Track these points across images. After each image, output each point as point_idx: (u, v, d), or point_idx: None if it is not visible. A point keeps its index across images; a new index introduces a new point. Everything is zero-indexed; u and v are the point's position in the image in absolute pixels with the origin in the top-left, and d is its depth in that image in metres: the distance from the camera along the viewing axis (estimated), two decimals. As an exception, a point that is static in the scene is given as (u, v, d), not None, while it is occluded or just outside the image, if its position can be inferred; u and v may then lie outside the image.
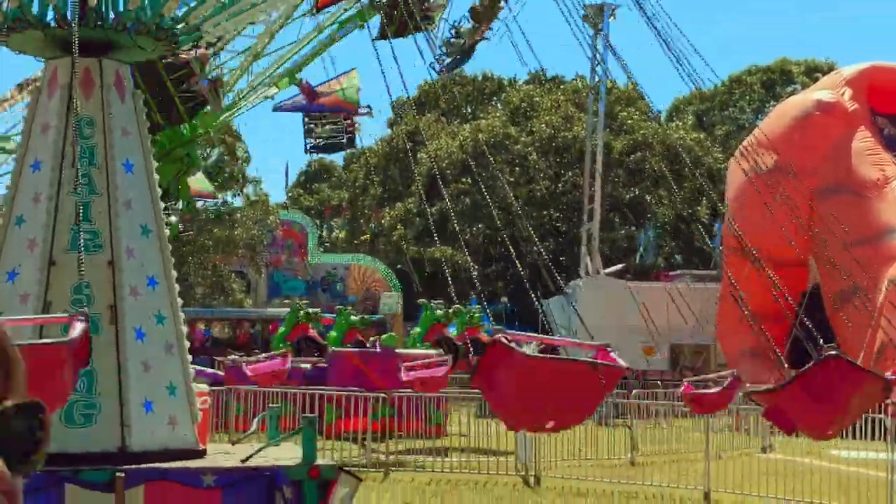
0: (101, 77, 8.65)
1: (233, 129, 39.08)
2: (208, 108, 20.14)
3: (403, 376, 20.67)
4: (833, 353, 9.89)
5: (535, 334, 12.85)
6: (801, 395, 10.22)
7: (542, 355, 9.12)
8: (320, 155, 36.50)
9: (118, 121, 8.68)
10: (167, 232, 9.14)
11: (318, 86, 28.04)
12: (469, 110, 67.24)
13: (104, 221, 8.49)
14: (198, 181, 28.01)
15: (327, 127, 29.77)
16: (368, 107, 30.28)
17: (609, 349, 9.50)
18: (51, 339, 7.65)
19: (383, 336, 31.24)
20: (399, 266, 57.41)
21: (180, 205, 29.48)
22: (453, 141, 58.91)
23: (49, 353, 7.48)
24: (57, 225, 8.38)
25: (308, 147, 30.61)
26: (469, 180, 56.53)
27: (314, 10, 19.63)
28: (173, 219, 22.07)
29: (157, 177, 9.07)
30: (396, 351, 25.66)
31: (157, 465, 8.08)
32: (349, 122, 30.28)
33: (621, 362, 9.31)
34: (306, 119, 29.38)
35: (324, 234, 63.68)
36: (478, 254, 56.16)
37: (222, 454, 8.95)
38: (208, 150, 46.56)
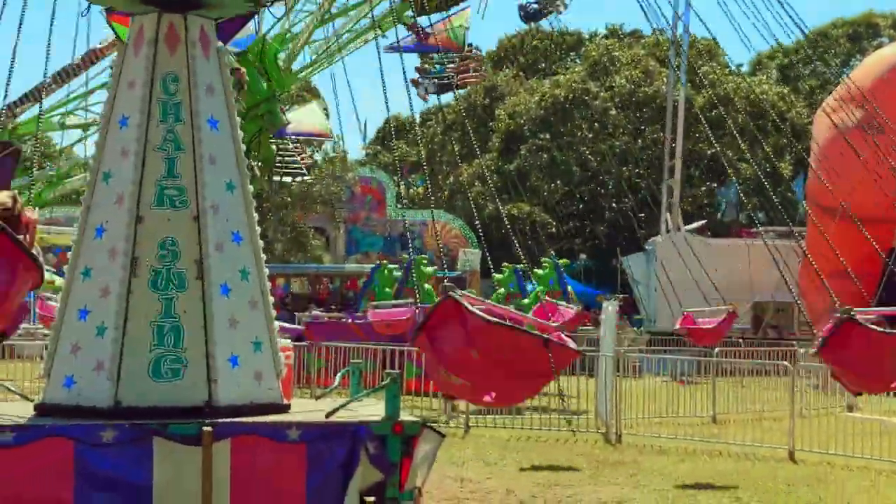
0: (185, 33, 8.66)
1: (312, 86, 39.11)
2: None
3: None
4: (846, 316, 9.81)
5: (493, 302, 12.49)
6: (835, 358, 10.07)
7: (494, 319, 8.87)
8: (434, 97, 36.31)
9: (203, 77, 8.68)
10: (251, 188, 9.16)
11: (431, 25, 27.90)
12: (547, 65, 66.74)
13: (189, 177, 8.52)
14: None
15: (438, 67, 29.67)
16: (471, 46, 30.11)
17: (563, 332, 9.42)
18: None
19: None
20: (476, 223, 57.32)
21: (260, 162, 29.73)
22: (531, 97, 58.54)
23: None
24: (144, 180, 8.43)
25: (420, 92, 30.56)
26: (547, 136, 56.23)
27: None
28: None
29: (241, 133, 9.08)
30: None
31: (242, 419, 8.14)
32: (462, 63, 30.12)
33: (572, 344, 9.17)
34: (417, 66, 29.27)
35: (401, 190, 63.67)
36: (556, 211, 55.90)
37: (306, 409, 8.99)
38: (288, 106, 46.78)
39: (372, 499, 8.18)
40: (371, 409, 8.80)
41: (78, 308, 8.46)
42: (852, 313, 9.93)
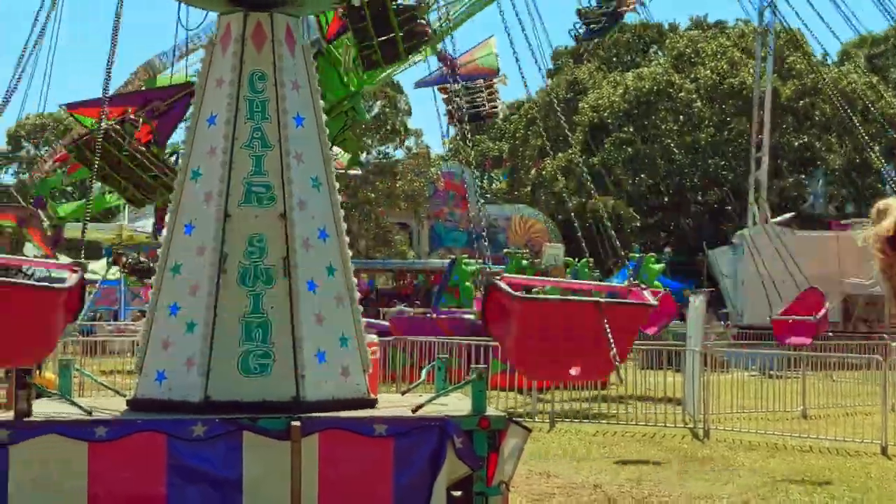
0: (272, 31, 8.74)
1: (394, 81, 39.24)
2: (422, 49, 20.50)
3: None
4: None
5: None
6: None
7: (534, 296, 8.58)
8: (463, 126, 36.36)
9: (289, 75, 8.76)
10: (336, 183, 9.21)
11: (458, 57, 27.98)
12: (629, 58, 66.23)
13: (276, 174, 8.60)
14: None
15: (467, 98, 29.64)
16: (502, 74, 30.08)
17: (641, 287, 9.08)
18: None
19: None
20: (560, 217, 57.12)
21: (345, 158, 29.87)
22: (615, 90, 58.14)
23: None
24: (231, 178, 8.52)
25: (450, 119, 30.55)
26: (631, 129, 55.82)
27: None
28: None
29: (327, 130, 9.14)
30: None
31: (330, 414, 8.19)
32: (490, 88, 30.08)
33: (650, 299, 8.88)
34: (444, 94, 29.29)
35: (484, 185, 63.68)
36: (640, 204, 55.49)
37: (392, 405, 9.02)
38: (371, 103, 47.01)
39: (459, 493, 8.18)
40: (457, 405, 8.82)
41: (168, 304, 8.59)
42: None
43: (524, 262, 33.66)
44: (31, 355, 8.17)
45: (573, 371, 8.61)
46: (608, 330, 8.01)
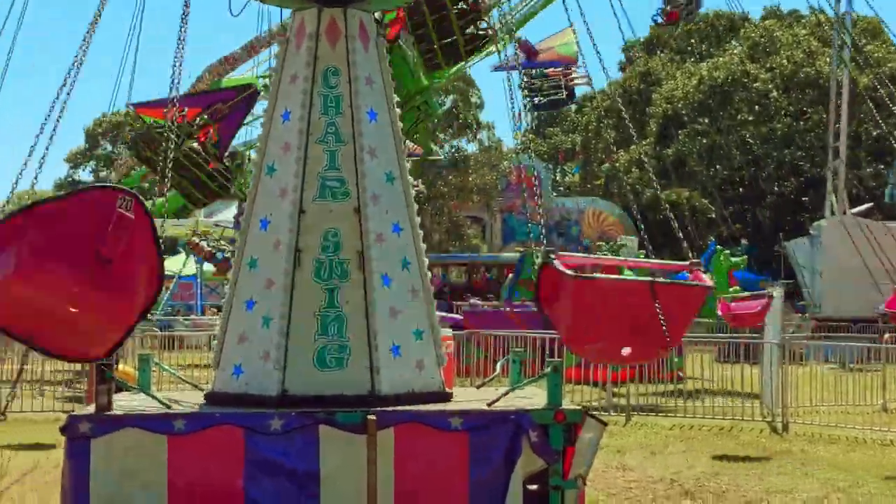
0: (345, 26, 8.77)
1: (467, 75, 39.21)
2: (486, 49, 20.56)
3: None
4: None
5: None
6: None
7: (587, 275, 8.43)
8: (543, 111, 36.28)
9: (362, 69, 8.78)
10: (409, 177, 9.22)
11: (538, 43, 27.93)
12: (703, 49, 65.58)
13: (350, 169, 8.63)
14: None
15: (547, 85, 29.58)
16: (587, 74, 29.97)
17: (700, 268, 8.91)
18: None
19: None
20: (634, 209, 56.75)
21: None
22: (689, 81, 57.60)
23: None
24: (306, 173, 8.57)
25: (529, 106, 30.46)
26: (706, 120, 55.28)
27: None
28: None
29: (400, 124, 9.15)
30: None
31: (406, 407, 8.21)
32: (568, 75, 30.00)
33: (708, 281, 8.71)
34: (525, 77, 29.22)
35: (557, 178, 63.45)
36: (716, 196, 54.93)
37: (467, 398, 9.02)
38: (442, 97, 47.03)
39: (535, 487, 8.15)
40: (533, 398, 8.79)
41: (245, 299, 8.66)
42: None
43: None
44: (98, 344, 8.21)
45: (624, 351, 8.52)
46: (660, 311, 7.93)
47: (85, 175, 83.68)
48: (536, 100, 30.05)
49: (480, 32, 19.72)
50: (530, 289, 27.53)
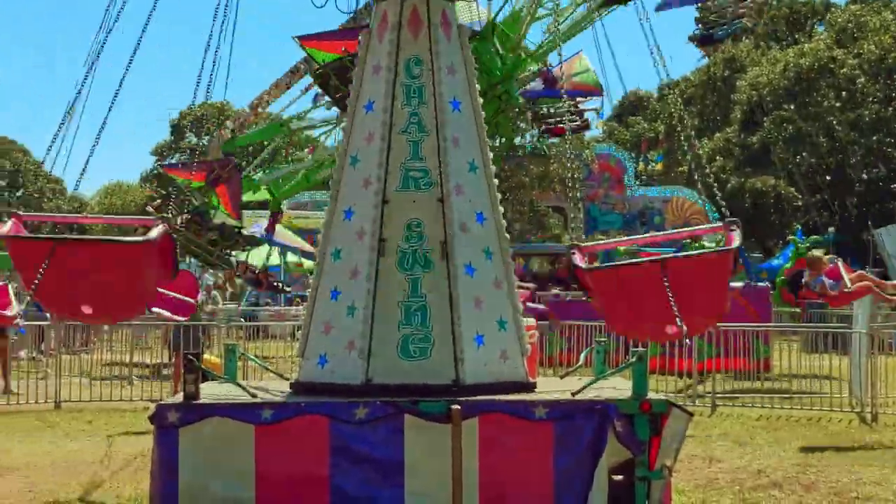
0: (428, 16, 8.77)
1: (548, 64, 39.01)
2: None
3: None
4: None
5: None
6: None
7: (600, 266, 8.42)
8: (552, 139, 36.02)
9: (445, 59, 8.79)
10: (493, 168, 9.20)
11: (551, 70, 27.69)
12: (787, 35, 64.58)
13: (433, 159, 8.64)
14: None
15: (558, 111, 29.31)
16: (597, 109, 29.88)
17: (731, 228, 8.74)
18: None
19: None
20: (718, 197, 56.09)
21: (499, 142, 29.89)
22: (774, 67, 56.75)
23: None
24: (389, 163, 8.60)
25: (541, 132, 30.35)
26: (791, 107, 54.44)
27: None
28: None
29: (483, 114, 9.13)
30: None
31: (490, 397, 8.21)
32: (579, 104, 29.77)
33: (735, 240, 8.52)
34: (536, 106, 29.07)
35: (640, 166, 62.90)
36: (801, 184, 54.10)
37: (551, 388, 8.99)
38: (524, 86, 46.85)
39: (620, 477, 8.11)
40: (618, 388, 8.74)
41: (329, 289, 8.72)
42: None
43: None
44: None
45: (668, 329, 8.37)
46: (668, 286, 7.80)
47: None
48: (547, 125, 29.90)
49: None
50: None
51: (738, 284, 23.08)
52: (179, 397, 8.29)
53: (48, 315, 25.46)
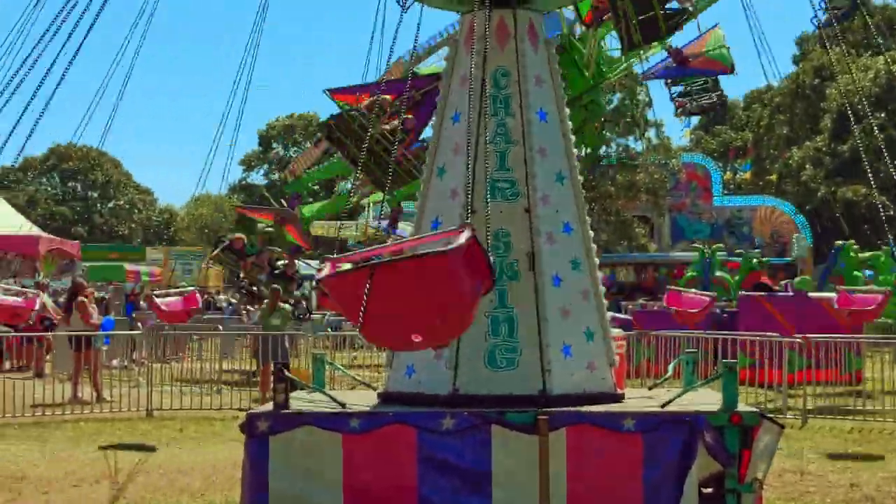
0: (514, 27, 8.78)
1: (633, 73, 38.76)
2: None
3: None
4: None
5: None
6: None
7: (346, 267, 7.30)
8: (692, 118, 35.54)
9: (532, 70, 8.79)
10: (580, 178, 9.17)
11: (683, 47, 27.33)
12: (879, 42, 63.49)
13: (520, 169, 8.64)
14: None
15: (696, 90, 28.95)
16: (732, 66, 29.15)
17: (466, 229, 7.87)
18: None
19: (796, 280, 30.23)
20: (808, 207, 55.37)
21: (584, 151, 29.79)
22: (865, 74, 55.87)
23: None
24: (476, 174, 8.59)
25: (678, 111, 29.93)
26: (883, 115, 53.53)
27: None
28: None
29: (570, 124, 9.11)
30: (810, 295, 24.72)
31: (577, 408, 8.17)
32: (716, 86, 29.33)
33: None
34: (671, 85, 28.71)
35: (727, 175, 62.29)
36: (894, 192, 53.13)
37: (639, 399, 8.93)
38: (609, 95, 46.66)
39: (710, 490, 8.02)
40: (707, 400, 8.65)
41: (417, 299, 8.73)
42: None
43: (754, 261, 32.75)
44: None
45: (416, 338, 7.54)
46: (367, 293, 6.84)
47: (257, 178, 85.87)
48: (688, 106, 29.47)
49: (681, 7, 19.41)
50: (841, 283, 26.50)
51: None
52: (269, 406, 8.37)
53: (139, 325, 25.95)
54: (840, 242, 30.99)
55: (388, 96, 20.43)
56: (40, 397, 18.60)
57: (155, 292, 20.36)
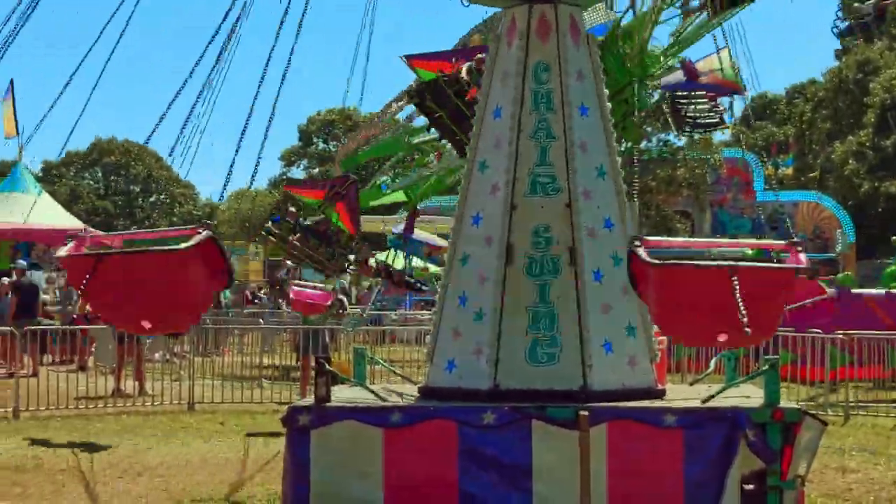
0: (556, 22, 8.77)
1: (675, 68, 38.54)
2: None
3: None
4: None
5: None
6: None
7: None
8: (694, 133, 35.23)
9: (573, 65, 8.78)
10: (621, 171, 9.15)
11: (697, 62, 27.09)
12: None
13: (561, 164, 8.64)
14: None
15: (698, 107, 28.67)
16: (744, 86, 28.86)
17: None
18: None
19: (838, 276, 29.99)
20: (850, 202, 54.87)
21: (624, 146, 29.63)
22: (909, 68, 55.31)
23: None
24: (517, 169, 8.62)
25: (678, 127, 29.72)
26: (927, 109, 52.98)
27: None
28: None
29: (611, 119, 9.10)
30: (853, 291, 24.49)
31: (618, 403, 8.16)
32: (714, 103, 29.09)
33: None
34: (675, 99, 28.50)
35: (769, 170, 61.73)
36: (939, 187, 52.61)
37: (681, 395, 8.90)
38: (649, 91, 46.44)
39: (751, 487, 7.98)
40: (749, 396, 8.62)
41: (457, 294, 8.77)
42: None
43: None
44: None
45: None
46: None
47: (298, 172, 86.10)
48: (687, 121, 29.26)
49: None
50: None
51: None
52: (311, 400, 8.42)
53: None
54: (634, 236, 30.63)
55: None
56: (84, 390, 18.76)
57: (294, 282, 21.31)
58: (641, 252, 7.95)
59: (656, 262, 7.97)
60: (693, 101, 27.59)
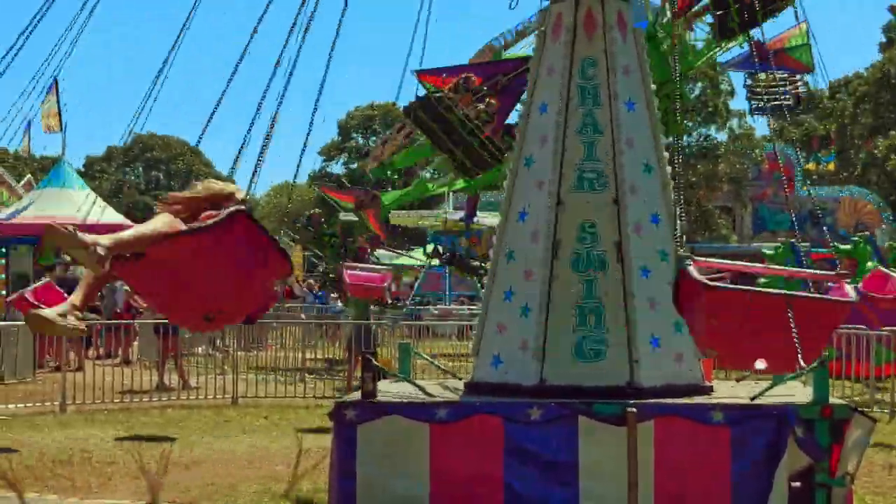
0: (603, 17, 8.75)
1: (716, 62, 38.28)
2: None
3: None
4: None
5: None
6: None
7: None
8: (764, 116, 34.81)
9: (620, 60, 8.75)
10: (668, 167, 9.11)
11: (766, 42, 26.80)
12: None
13: (608, 160, 8.62)
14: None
15: (772, 88, 28.36)
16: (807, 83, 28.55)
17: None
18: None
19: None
20: (893, 198, 54.39)
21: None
22: (954, 62, 54.75)
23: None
24: (563, 165, 8.60)
25: (752, 108, 29.40)
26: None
27: None
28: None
29: (658, 114, 9.06)
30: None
31: (666, 400, 8.14)
32: (793, 83, 28.75)
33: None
34: (748, 80, 28.25)
35: (811, 166, 61.29)
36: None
37: (728, 392, 8.87)
38: (691, 85, 46.23)
39: (799, 484, 7.93)
40: (797, 393, 8.57)
41: (503, 290, 8.78)
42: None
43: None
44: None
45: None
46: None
47: (337, 168, 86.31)
48: (760, 103, 28.97)
49: None
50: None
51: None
52: (357, 395, 8.44)
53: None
54: (685, 255, 30.33)
55: (474, 78, 20.40)
56: (128, 384, 18.91)
57: (345, 265, 21.48)
58: (693, 271, 7.97)
59: (709, 284, 8.02)
60: (767, 82, 27.33)
